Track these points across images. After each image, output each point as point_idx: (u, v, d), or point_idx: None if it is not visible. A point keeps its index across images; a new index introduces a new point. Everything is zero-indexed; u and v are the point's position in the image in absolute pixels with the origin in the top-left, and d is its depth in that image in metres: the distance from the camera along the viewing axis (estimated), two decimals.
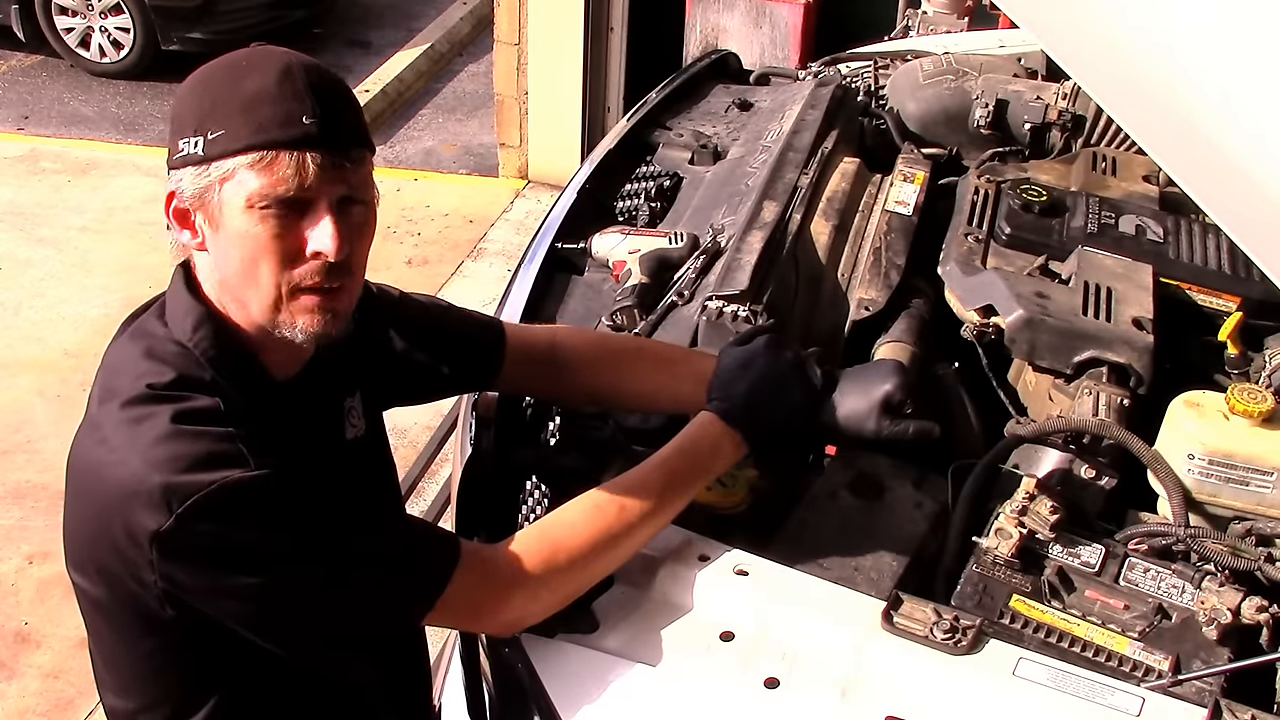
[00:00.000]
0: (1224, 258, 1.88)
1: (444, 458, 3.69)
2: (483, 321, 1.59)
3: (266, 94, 1.16)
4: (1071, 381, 1.70)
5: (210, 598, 1.18)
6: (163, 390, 1.17)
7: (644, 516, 1.34)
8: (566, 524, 1.33)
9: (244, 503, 1.13)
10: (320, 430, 1.36)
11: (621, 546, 1.34)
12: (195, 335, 1.22)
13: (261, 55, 1.20)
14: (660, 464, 1.39)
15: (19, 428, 4.01)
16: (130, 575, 1.17)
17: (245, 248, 1.18)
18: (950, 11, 4.09)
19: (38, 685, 3.10)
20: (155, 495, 1.11)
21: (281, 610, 1.19)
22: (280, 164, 1.15)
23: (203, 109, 1.17)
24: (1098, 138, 2.34)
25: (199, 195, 1.18)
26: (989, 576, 1.40)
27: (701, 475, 1.42)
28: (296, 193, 1.17)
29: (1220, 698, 1.24)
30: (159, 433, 1.14)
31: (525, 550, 1.29)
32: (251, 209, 1.16)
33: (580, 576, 1.32)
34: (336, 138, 1.19)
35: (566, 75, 5.32)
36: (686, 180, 2.28)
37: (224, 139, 1.15)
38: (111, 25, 6.71)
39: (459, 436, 1.77)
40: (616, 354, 1.62)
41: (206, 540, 1.13)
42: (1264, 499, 1.47)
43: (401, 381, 1.53)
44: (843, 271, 1.96)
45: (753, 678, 1.29)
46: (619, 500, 1.33)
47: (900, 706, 1.25)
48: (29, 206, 5.43)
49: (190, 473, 1.12)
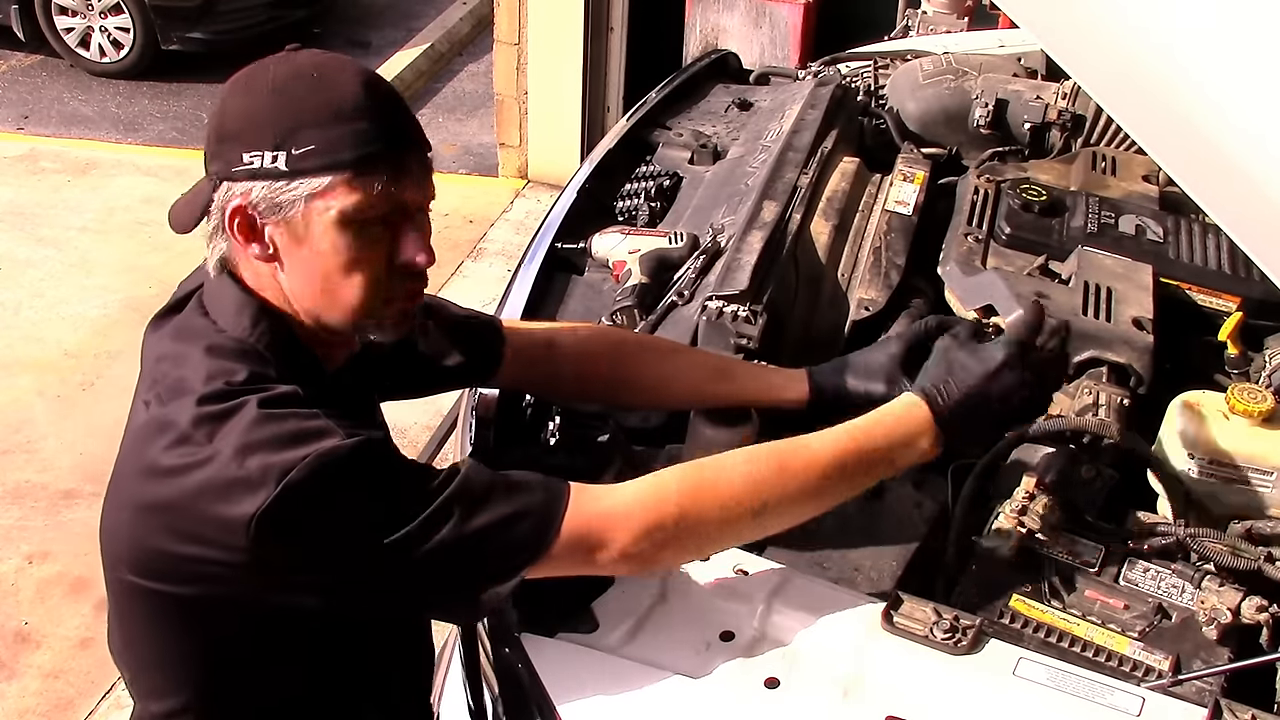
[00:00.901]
0: (1224, 258, 1.88)
1: (444, 457, 3.69)
2: (481, 318, 1.59)
3: (356, 108, 1.15)
4: (1071, 381, 1.70)
5: (308, 572, 1.15)
6: (241, 385, 1.16)
7: (805, 487, 1.28)
8: (715, 466, 1.28)
9: (341, 469, 1.12)
10: (363, 420, 1.35)
11: (769, 511, 1.27)
12: (255, 330, 1.21)
13: (330, 63, 1.19)
14: (838, 437, 1.31)
15: (19, 428, 4.01)
16: (217, 567, 1.14)
17: (338, 260, 1.18)
18: (950, 11, 4.09)
19: (38, 685, 3.10)
20: (253, 478, 1.10)
21: (379, 576, 1.17)
22: (375, 180, 1.15)
23: (283, 122, 1.15)
24: (1098, 138, 2.34)
25: (276, 208, 1.17)
26: (989, 576, 1.40)
27: (883, 463, 1.33)
28: (391, 207, 1.18)
29: (1220, 698, 1.24)
30: (248, 420, 1.13)
31: (662, 483, 1.25)
32: (345, 225, 1.16)
33: (718, 527, 1.26)
34: (421, 147, 1.20)
35: (566, 75, 5.32)
36: (686, 180, 2.28)
37: (314, 155, 1.14)
38: (111, 25, 6.70)
39: (459, 436, 1.77)
40: (616, 345, 1.61)
41: (307, 512, 1.12)
42: (1264, 499, 1.47)
43: (402, 375, 1.52)
44: (843, 271, 1.96)
45: (753, 678, 1.29)
46: (781, 459, 1.28)
47: (900, 706, 1.25)
48: (29, 206, 5.43)
49: (284, 450, 1.11)
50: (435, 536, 1.15)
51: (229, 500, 1.11)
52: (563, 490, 1.22)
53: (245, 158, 1.16)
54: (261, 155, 1.15)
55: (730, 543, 1.32)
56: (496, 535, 1.18)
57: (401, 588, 1.19)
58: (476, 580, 1.20)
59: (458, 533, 1.16)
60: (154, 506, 1.17)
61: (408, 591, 1.20)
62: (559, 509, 1.20)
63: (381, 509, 1.14)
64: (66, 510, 3.64)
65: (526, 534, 1.19)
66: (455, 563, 1.17)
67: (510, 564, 1.20)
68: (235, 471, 1.11)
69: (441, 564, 1.16)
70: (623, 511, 1.22)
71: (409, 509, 1.15)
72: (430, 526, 1.15)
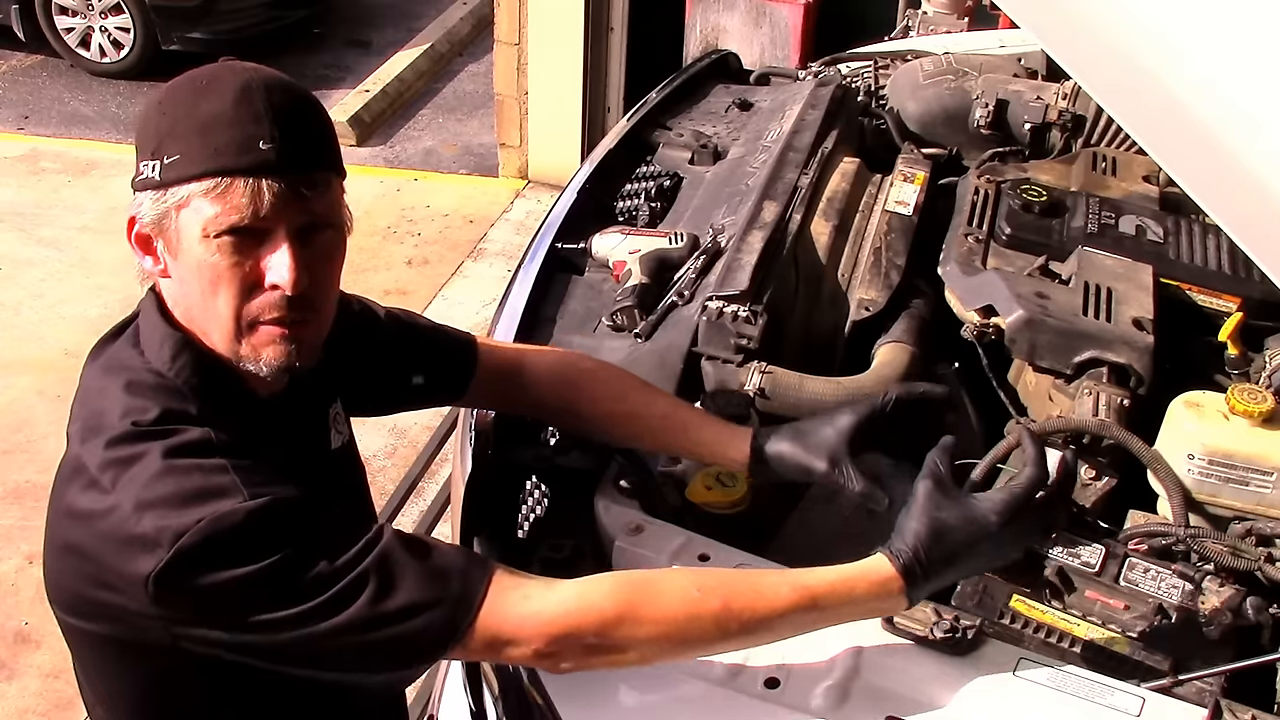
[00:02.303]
0: (1224, 258, 1.87)
1: (444, 458, 3.69)
2: (454, 335, 1.54)
3: (223, 117, 1.11)
4: (1071, 381, 1.70)
5: (213, 632, 1.13)
6: (149, 427, 1.13)
7: (746, 629, 1.19)
8: (657, 588, 1.19)
9: (234, 536, 1.08)
10: (308, 442, 1.33)
11: (698, 647, 1.21)
12: (175, 364, 1.18)
13: (223, 73, 1.15)
14: (796, 588, 1.21)
15: (19, 428, 4.01)
16: (130, 615, 1.13)
17: (203, 277, 1.15)
18: (950, 11, 4.09)
19: (38, 685, 3.10)
20: (148, 537, 1.08)
21: (286, 640, 1.12)
22: (235, 192, 1.11)
23: (160, 131, 1.13)
24: (1098, 138, 2.34)
25: (157, 221, 1.15)
26: (989, 576, 1.40)
27: (838, 619, 1.24)
28: (251, 221, 1.12)
29: (1220, 698, 1.24)
30: (151, 472, 1.10)
31: (594, 591, 1.18)
32: (207, 238, 1.12)
33: (639, 650, 1.18)
34: (297, 163, 1.14)
35: (566, 75, 5.32)
36: (686, 180, 2.28)
37: (179, 164, 1.12)
38: (111, 25, 6.71)
39: (459, 436, 1.77)
40: (575, 378, 1.55)
41: (200, 577, 1.08)
42: (1264, 499, 1.47)
43: (372, 390, 1.49)
44: (843, 271, 1.95)
45: (753, 678, 1.29)
46: (728, 597, 1.19)
47: (900, 706, 1.25)
48: (29, 206, 5.43)
49: (180, 510, 1.08)
50: (337, 615, 1.10)
51: (128, 555, 1.09)
52: (484, 580, 1.16)
53: (140, 167, 1.15)
54: (147, 165, 1.14)
55: (646, 664, 1.23)
56: (402, 622, 1.13)
57: (300, 657, 1.14)
58: (377, 663, 1.16)
59: (363, 615, 1.11)
60: (69, 548, 1.16)
61: (307, 661, 1.15)
62: (474, 602, 1.15)
63: (279, 578, 1.09)
64: None
65: (435, 625, 1.14)
66: (356, 644, 1.13)
67: (416, 652, 1.16)
68: (133, 527, 1.09)
69: (342, 642, 1.12)
70: (543, 615, 1.16)
71: (312, 581, 1.10)
72: (334, 604, 1.10)
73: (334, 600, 1.10)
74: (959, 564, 1.24)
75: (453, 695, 1.60)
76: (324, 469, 1.33)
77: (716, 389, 1.72)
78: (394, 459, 3.85)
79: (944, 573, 1.23)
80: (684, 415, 1.55)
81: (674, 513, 1.52)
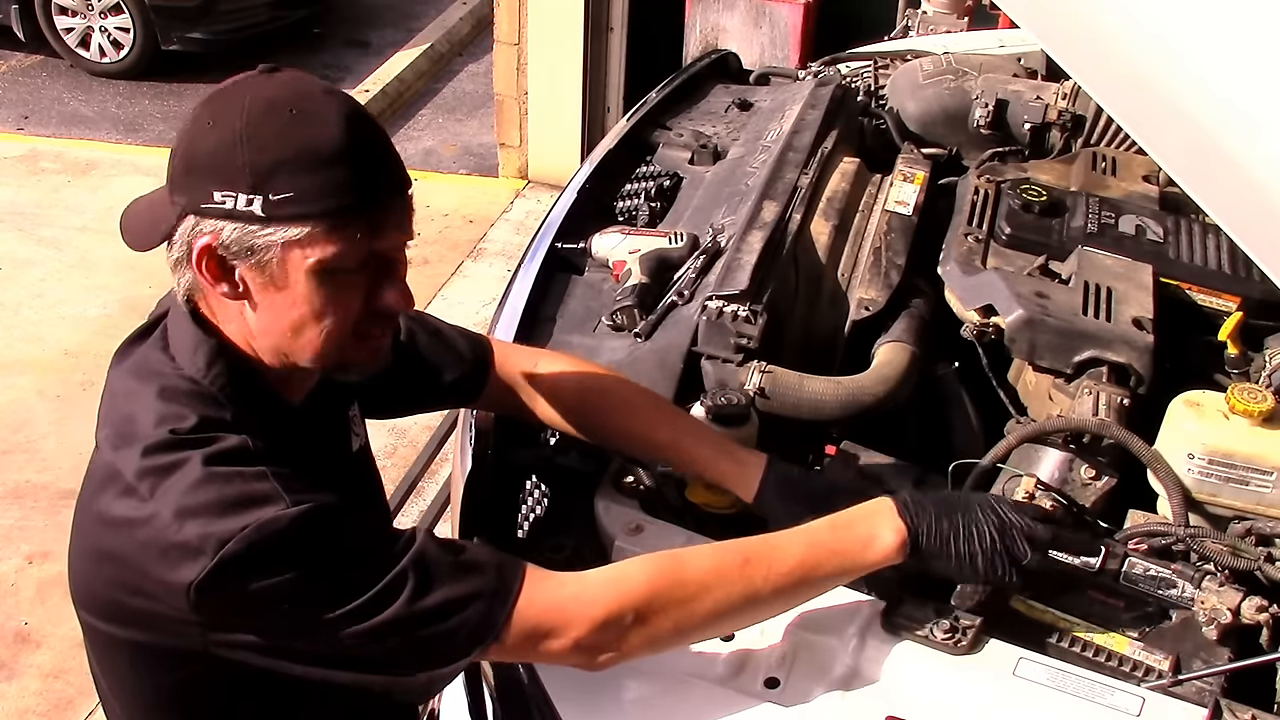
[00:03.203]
0: (1224, 258, 1.88)
1: (444, 457, 3.69)
2: (471, 339, 1.54)
3: (336, 152, 1.09)
4: (1071, 381, 1.70)
5: (252, 638, 1.12)
6: (187, 435, 1.12)
7: (769, 581, 1.23)
8: (683, 558, 1.24)
9: (278, 542, 1.08)
10: (332, 446, 1.33)
11: (736, 604, 1.23)
12: (210, 372, 1.17)
13: (312, 99, 1.11)
14: (804, 531, 1.28)
15: (19, 428, 4.01)
16: (165, 622, 1.12)
17: (309, 308, 1.13)
18: (950, 11, 4.09)
19: (38, 685, 3.10)
20: (191, 545, 1.07)
21: (318, 648, 1.13)
22: (354, 229, 1.10)
23: (257, 166, 1.08)
24: (1098, 138, 2.34)
25: (249, 251, 1.11)
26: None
27: (847, 559, 1.27)
28: (369, 255, 1.13)
29: (1220, 698, 1.25)
30: (192, 480, 1.09)
31: (626, 574, 1.21)
32: (322, 274, 1.11)
33: (677, 625, 1.21)
34: (401, 189, 1.15)
35: (566, 75, 5.32)
36: (686, 180, 2.28)
37: (292, 203, 1.08)
38: (111, 25, 6.70)
39: (459, 436, 1.77)
40: (586, 390, 1.54)
41: (243, 584, 1.08)
42: (1264, 499, 1.47)
43: (388, 394, 1.48)
44: (843, 271, 1.96)
45: (753, 678, 1.29)
46: (746, 554, 1.24)
47: (900, 706, 1.25)
48: (29, 206, 5.43)
49: (223, 518, 1.07)
50: (379, 615, 1.11)
51: (169, 564, 1.08)
52: (518, 573, 1.17)
53: (217, 196, 1.09)
54: (235, 197, 1.09)
55: (686, 642, 1.27)
56: (443, 618, 1.13)
57: (341, 661, 1.15)
58: (419, 662, 1.17)
59: (403, 613, 1.11)
60: (104, 555, 1.15)
61: (348, 665, 1.15)
62: (511, 594, 1.16)
63: (323, 583, 1.10)
64: (66, 510, 3.58)
65: (473, 619, 1.14)
66: (398, 643, 1.13)
67: (456, 648, 1.16)
68: (174, 535, 1.08)
69: (383, 643, 1.12)
70: (582, 599, 1.18)
71: (354, 583, 1.10)
72: (375, 604, 1.11)
73: (374, 601, 1.11)
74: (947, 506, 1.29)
75: (453, 696, 1.60)
76: (346, 471, 1.34)
77: (716, 389, 1.72)
78: (394, 459, 3.85)
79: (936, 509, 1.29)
80: (697, 441, 1.52)
81: (674, 513, 1.52)
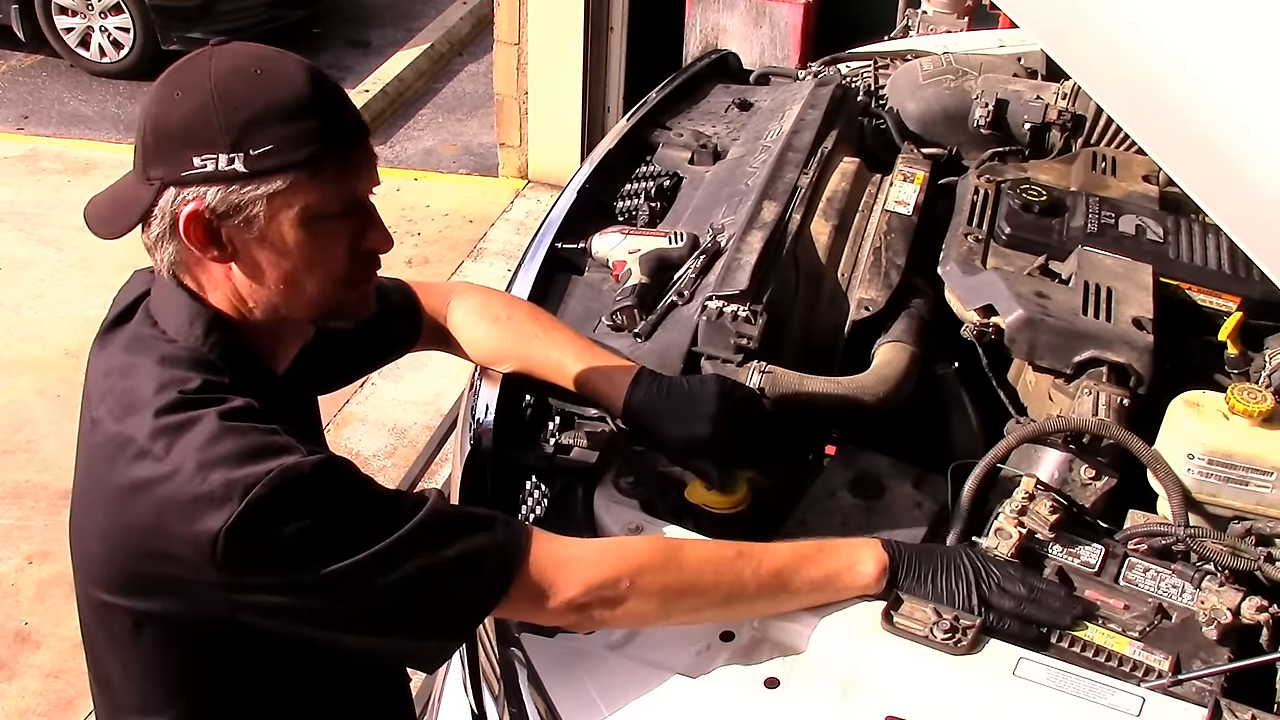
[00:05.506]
0: (1224, 258, 1.88)
1: (444, 457, 3.69)
2: (396, 284, 1.59)
3: (306, 104, 1.14)
4: (1071, 381, 1.70)
5: (276, 592, 1.12)
6: (194, 394, 1.14)
7: (756, 576, 1.29)
8: (684, 541, 1.32)
9: (303, 486, 1.10)
10: (306, 417, 1.36)
11: (724, 591, 1.29)
12: (208, 340, 1.19)
13: (273, 59, 1.16)
14: (793, 544, 1.37)
15: (19, 428, 4.01)
16: (189, 585, 1.12)
17: (300, 259, 1.18)
18: (950, 11, 4.09)
19: (38, 685, 3.10)
20: (216, 493, 1.08)
21: (348, 596, 1.13)
22: (331, 175, 1.15)
23: (234, 124, 1.12)
24: (1098, 138, 2.34)
25: (235, 210, 1.14)
26: None
27: (830, 573, 1.33)
28: (349, 200, 1.18)
29: (1220, 698, 1.24)
30: (209, 433, 1.10)
31: (627, 544, 1.30)
32: (309, 222, 1.16)
33: (668, 599, 1.27)
34: (365, 135, 1.20)
35: (566, 75, 5.32)
36: (686, 180, 2.28)
37: (272, 155, 1.12)
38: (111, 25, 6.71)
39: (459, 436, 1.77)
40: (494, 321, 1.63)
41: (271, 529, 1.09)
42: (1264, 499, 1.47)
43: (340, 361, 1.51)
44: (843, 271, 1.96)
45: (753, 678, 1.29)
46: (743, 546, 1.31)
47: (900, 706, 1.25)
48: (29, 206, 5.43)
49: (247, 465, 1.09)
50: (401, 567, 1.13)
51: (193, 517, 1.08)
52: (524, 531, 1.22)
53: (196, 161, 1.12)
54: (216, 158, 1.12)
55: (674, 621, 1.31)
56: (461, 571, 1.17)
57: (362, 614, 1.16)
58: (437, 615, 1.18)
59: (423, 564, 1.14)
60: (121, 526, 1.15)
61: (367, 626, 1.17)
62: (523, 548, 1.20)
63: (347, 530, 1.12)
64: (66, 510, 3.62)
65: (491, 572, 1.18)
66: (418, 594, 1.15)
67: (472, 602, 1.19)
68: (198, 488, 1.08)
69: (404, 594, 1.14)
70: (586, 559, 1.23)
71: (375, 533, 1.12)
72: (396, 555, 1.13)
73: (395, 550, 1.12)
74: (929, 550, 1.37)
75: (453, 696, 1.60)
76: (319, 443, 1.35)
77: None
78: (394, 459, 3.85)
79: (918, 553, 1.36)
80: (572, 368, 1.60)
81: (674, 513, 1.52)
